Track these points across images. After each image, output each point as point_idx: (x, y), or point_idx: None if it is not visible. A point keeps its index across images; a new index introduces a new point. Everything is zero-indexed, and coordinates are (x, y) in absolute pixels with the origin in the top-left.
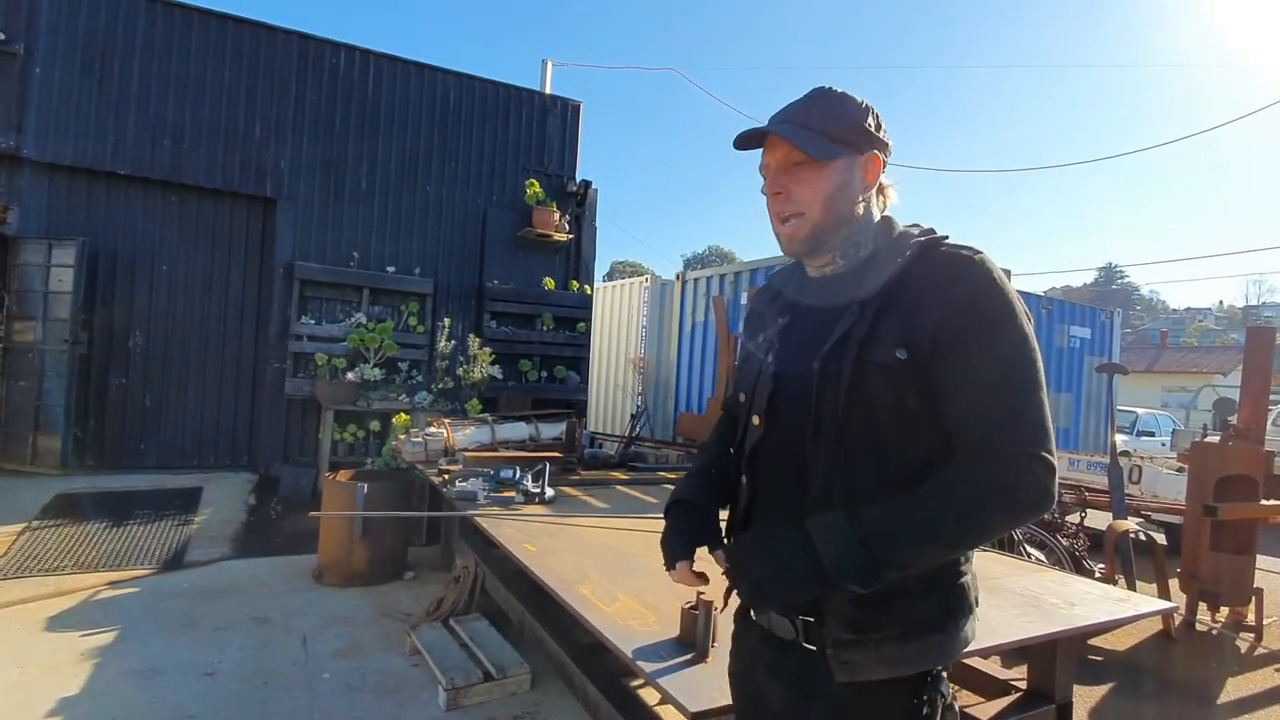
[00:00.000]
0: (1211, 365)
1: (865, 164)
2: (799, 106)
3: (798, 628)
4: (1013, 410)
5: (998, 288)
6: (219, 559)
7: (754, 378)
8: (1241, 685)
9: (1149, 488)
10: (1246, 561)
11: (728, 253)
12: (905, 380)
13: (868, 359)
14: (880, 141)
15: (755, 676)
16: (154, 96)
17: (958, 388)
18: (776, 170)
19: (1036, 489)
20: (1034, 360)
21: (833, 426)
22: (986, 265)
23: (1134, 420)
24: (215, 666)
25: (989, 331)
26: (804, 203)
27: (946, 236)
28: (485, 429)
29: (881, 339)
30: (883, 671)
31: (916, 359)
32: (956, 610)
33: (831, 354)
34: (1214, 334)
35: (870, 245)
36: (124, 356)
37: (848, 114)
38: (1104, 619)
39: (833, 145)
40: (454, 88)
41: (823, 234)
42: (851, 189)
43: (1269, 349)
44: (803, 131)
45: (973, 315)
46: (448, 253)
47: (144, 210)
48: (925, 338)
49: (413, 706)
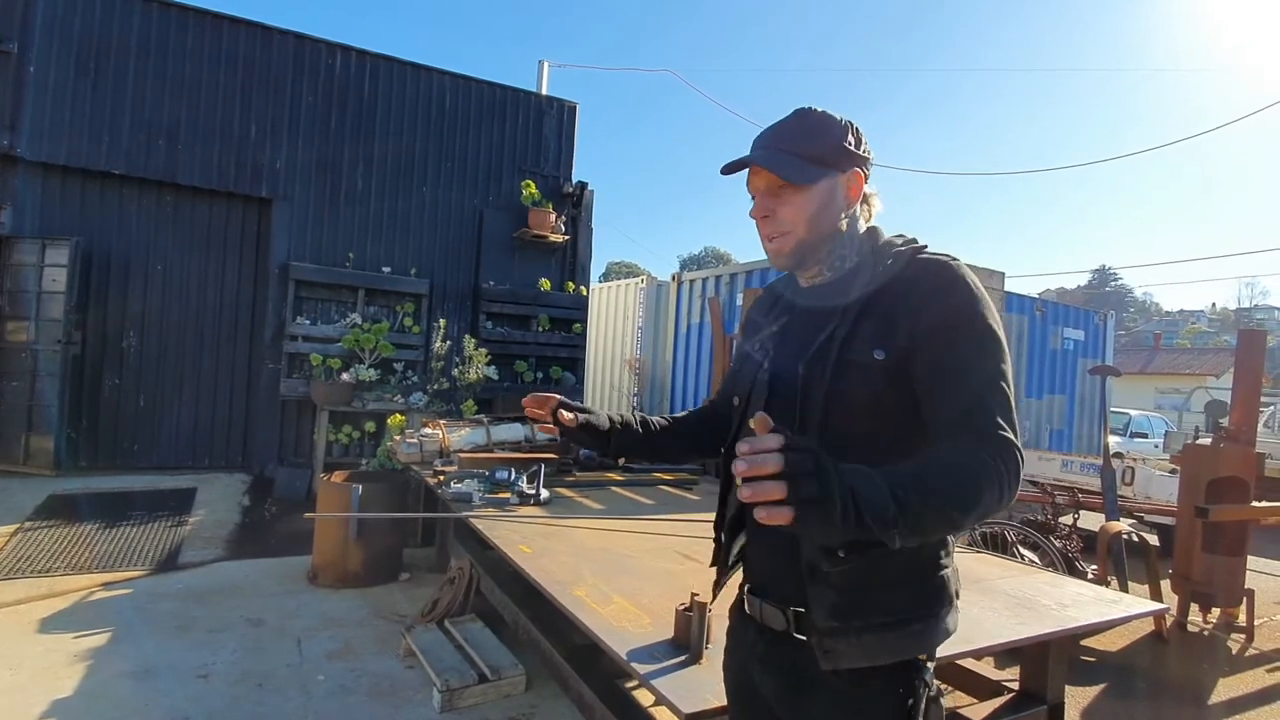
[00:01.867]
0: (1204, 367)
1: (847, 181)
2: (781, 130)
3: (789, 618)
4: (983, 398)
5: (971, 292)
6: (213, 560)
7: (749, 382)
8: (1233, 686)
9: (1142, 489)
10: (1238, 563)
11: (724, 254)
12: (881, 379)
13: (847, 359)
14: (860, 158)
15: (749, 668)
16: (149, 96)
17: (933, 381)
18: (762, 194)
19: (1013, 471)
20: (1002, 353)
21: (815, 426)
22: (959, 270)
23: (1127, 422)
24: (210, 668)
25: (961, 328)
26: (789, 224)
27: (925, 246)
28: (480, 430)
29: (860, 340)
30: (861, 659)
31: (893, 358)
32: (936, 601)
33: (815, 357)
34: (1207, 336)
35: (855, 256)
36: (118, 357)
37: (827, 135)
38: (1096, 620)
39: (813, 168)
40: (450, 88)
41: (807, 250)
42: (834, 207)
43: (1260, 352)
44: (784, 157)
45: (945, 315)
46: (443, 254)
47: (138, 210)
48: (902, 337)
49: (407, 708)
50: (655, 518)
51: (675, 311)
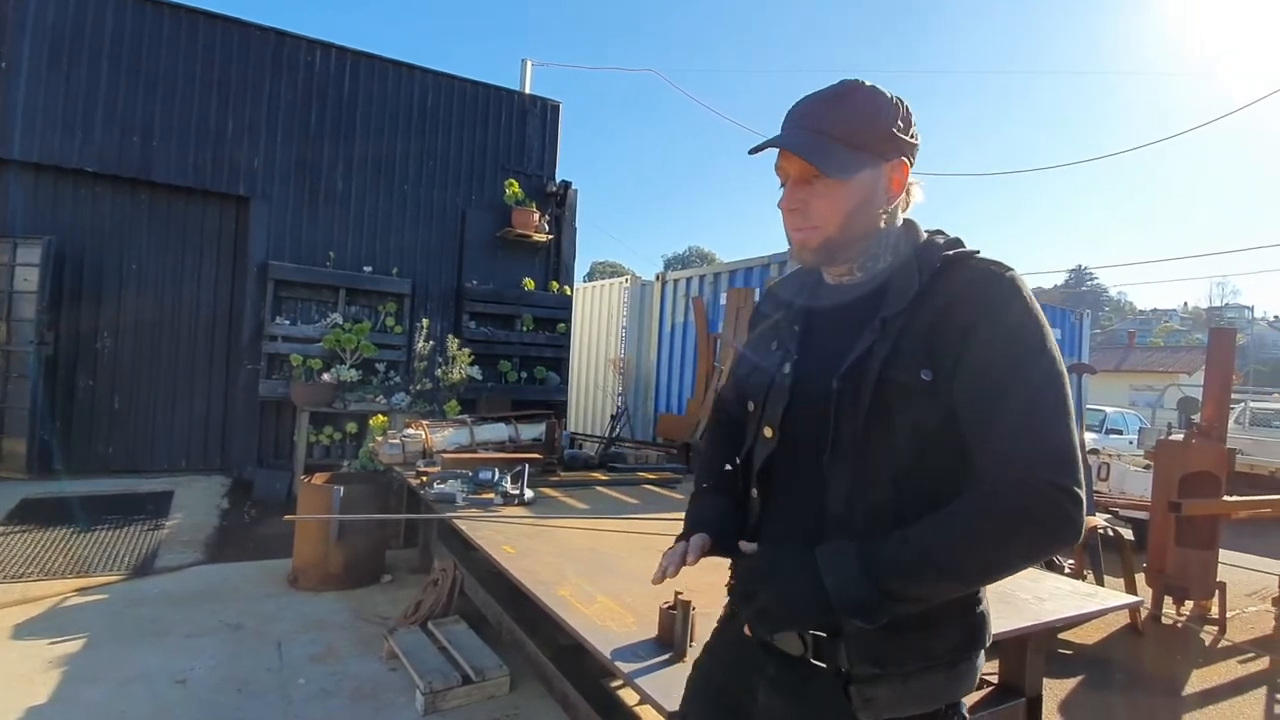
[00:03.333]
0: (1177, 365)
1: (891, 171)
2: (820, 106)
3: (806, 642)
4: (1039, 438)
5: (1028, 309)
6: (191, 564)
7: (765, 387)
8: (1206, 677)
9: (1117, 485)
10: (1210, 556)
11: (708, 254)
12: (928, 402)
13: (890, 379)
14: (909, 145)
15: (750, 684)
16: (123, 92)
17: (982, 413)
18: (794, 182)
19: (1059, 519)
20: (1063, 387)
21: (851, 447)
22: (1017, 284)
23: (1103, 419)
24: (187, 674)
25: (1018, 355)
26: (821, 219)
27: (977, 251)
28: (464, 430)
29: (905, 358)
30: (911, 708)
31: (941, 380)
32: (977, 639)
33: (851, 372)
34: (1179, 335)
35: (891, 254)
36: (92, 358)
37: (875, 117)
38: (1073, 614)
39: (855, 156)
40: (432, 87)
41: (837, 248)
42: (875, 202)
43: (1230, 350)
44: (822, 142)
45: (1001, 337)
46: (426, 253)
47: (113, 208)
48: (950, 358)
49: (390, 710)
50: (640, 517)
51: (659, 311)
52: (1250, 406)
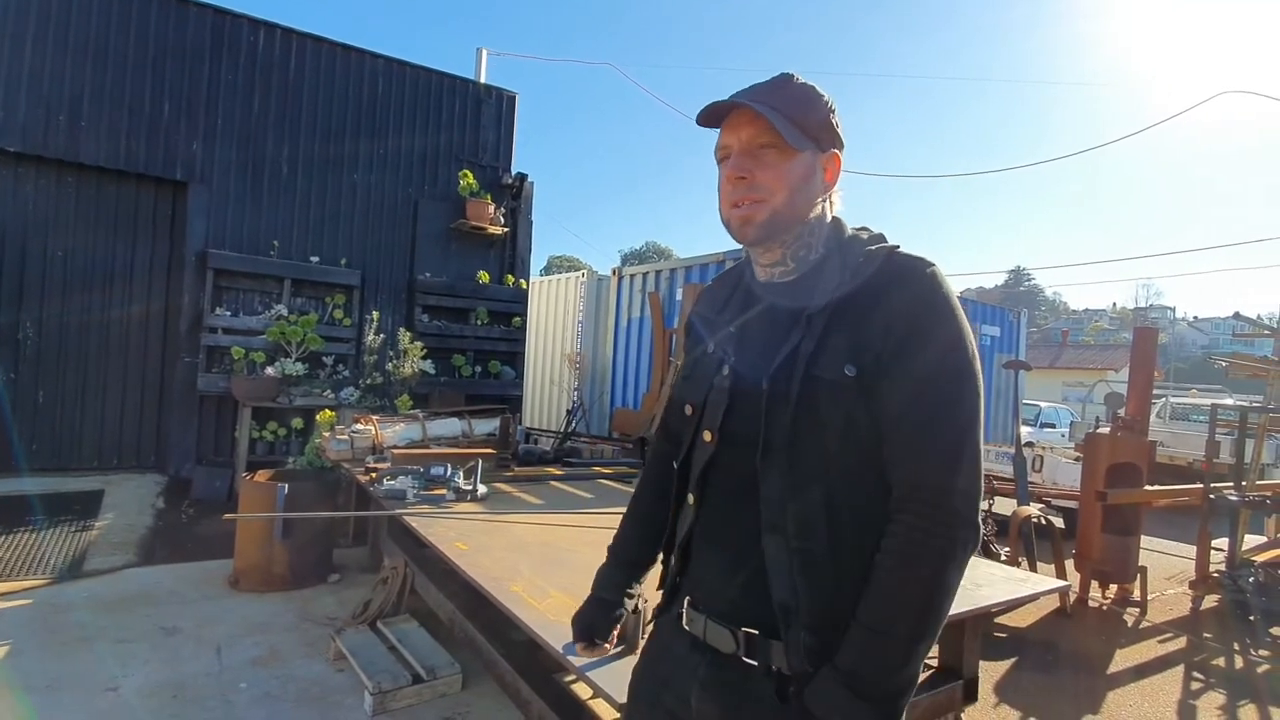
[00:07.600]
0: (1105, 362)
1: (827, 162)
2: (765, 90)
3: (739, 640)
4: (970, 477)
5: (946, 305)
6: (122, 567)
7: (704, 389)
8: (1129, 656)
9: (1050, 476)
10: (1132, 542)
11: (665, 249)
12: (854, 398)
13: (816, 376)
14: (840, 140)
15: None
16: (48, 68)
17: (913, 437)
18: (740, 152)
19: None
20: (977, 390)
21: (783, 447)
22: (937, 279)
23: (1037, 413)
24: (118, 681)
25: (951, 386)
26: (767, 189)
27: (898, 246)
28: (416, 426)
29: (830, 355)
30: None
31: (865, 375)
32: None
33: (779, 371)
34: (1108, 333)
35: (820, 249)
36: (13, 349)
37: (815, 106)
38: (1006, 598)
39: (803, 136)
40: (384, 73)
41: (779, 224)
42: (813, 186)
43: (1153, 349)
44: (776, 114)
45: (935, 356)
46: (376, 244)
47: (36, 191)
48: (871, 354)
49: (337, 712)
50: (594, 511)
51: (615, 306)
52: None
